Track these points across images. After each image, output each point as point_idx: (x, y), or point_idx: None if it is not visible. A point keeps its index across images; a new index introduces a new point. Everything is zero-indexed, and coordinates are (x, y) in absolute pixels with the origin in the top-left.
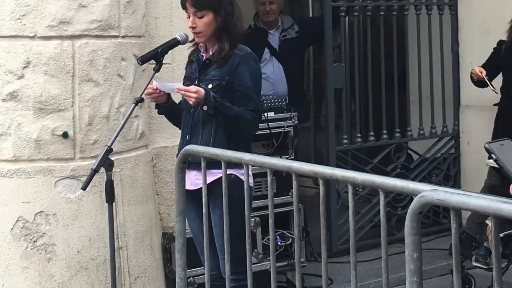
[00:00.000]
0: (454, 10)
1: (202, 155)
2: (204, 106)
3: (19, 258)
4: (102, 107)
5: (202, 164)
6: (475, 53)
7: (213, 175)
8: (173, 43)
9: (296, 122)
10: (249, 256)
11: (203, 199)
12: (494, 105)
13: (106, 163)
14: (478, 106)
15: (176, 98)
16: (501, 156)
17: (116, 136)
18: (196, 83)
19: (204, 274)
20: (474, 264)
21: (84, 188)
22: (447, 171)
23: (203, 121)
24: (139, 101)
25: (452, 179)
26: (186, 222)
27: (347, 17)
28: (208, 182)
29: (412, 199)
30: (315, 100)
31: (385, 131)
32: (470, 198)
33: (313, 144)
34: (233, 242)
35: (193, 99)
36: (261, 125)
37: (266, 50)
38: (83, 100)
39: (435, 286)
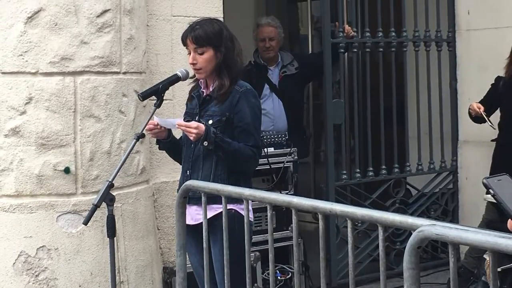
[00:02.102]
0: (452, 47)
1: (202, 190)
2: (205, 142)
3: None
4: (104, 143)
5: (203, 199)
6: (473, 89)
7: (214, 210)
8: (174, 79)
9: (296, 157)
10: None
11: (204, 234)
12: (492, 140)
13: (107, 198)
14: (476, 141)
15: (177, 134)
16: (499, 191)
17: (118, 171)
18: (196, 119)
19: None
20: None
21: (85, 223)
22: (446, 206)
23: (203, 156)
24: (140, 136)
25: (451, 214)
26: (187, 256)
27: (346, 54)
28: (208, 217)
29: (410, 234)
30: (315, 135)
31: (384, 167)
32: (468, 233)
33: (313, 179)
34: (234, 276)
35: (193, 135)
36: (261, 161)
37: (266, 86)
38: (84, 135)
39: None
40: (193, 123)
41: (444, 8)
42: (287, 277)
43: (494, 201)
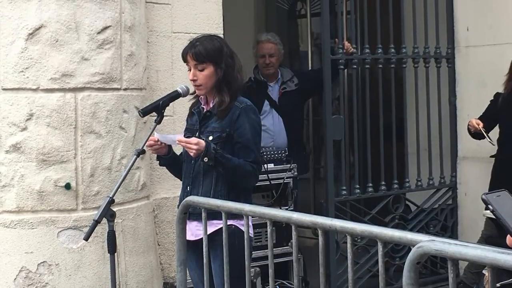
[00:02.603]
0: (451, 63)
1: (202, 206)
2: (205, 158)
3: None
4: (104, 159)
5: (203, 214)
6: (472, 105)
7: (214, 225)
8: (174, 96)
9: (296, 173)
10: None
11: (204, 249)
12: (491, 156)
13: (108, 213)
14: (475, 157)
15: (177, 150)
16: (498, 207)
17: (118, 187)
18: (197, 135)
19: None
20: None
21: (86, 238)
22: (445, 222)
23: (203, 172)
24: (141, 152)
25: (450, 230)
26: (187, 272)
27: (346, 70)
28: (208, 232)
29: (410, 250)
30: (315, 151)
31: (383, 182)
32: (467, 249)
33: (313, 195)
34: None
35: (194, 151)
36: (261, 177)
37: (266, 102)
38: (85, 151)
39: None
40: (194, 139)
41: (443, 24)
42: None
43: (493, 216)
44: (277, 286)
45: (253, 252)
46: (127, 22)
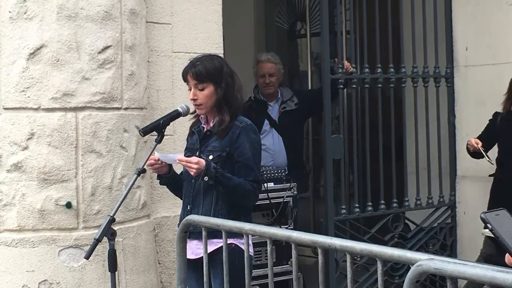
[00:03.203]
0: (450, 83)
1: (203, 225)
2: (205, 177)
3: None
4: (105, 178)
5: (203, 233)
6: (471, 124)
7: (214, 244)
8: (175, 115)
9: (296, 192)
10: None
11: (204, 268)
12: (490, 175)
13: (108, 232)
14: (474, 176)
15: (178, 169)
16: (496, 226)
17: (119, 206)
18: (197, 154)
19: None
20: None
21: (87, 257)
22: (444, 241)
23: (204, 191)
24: (141, 171)
25: (449, 248)
26: None
27: (345, 89)
28: (209, 251)
29: (409, 268)
30: (314, 170)
31: (382, 201)
32: (466, 267)
33: (312, 214)
34: None
35: (194, 170)
36: (261, 195)
37: (266, 121)
38: (86, 171)
39: None
40: (194, 158)
41: (442, 44)
42: None
43: (492, 235)
44: None
45: (253, 271)
46: (128, 42)
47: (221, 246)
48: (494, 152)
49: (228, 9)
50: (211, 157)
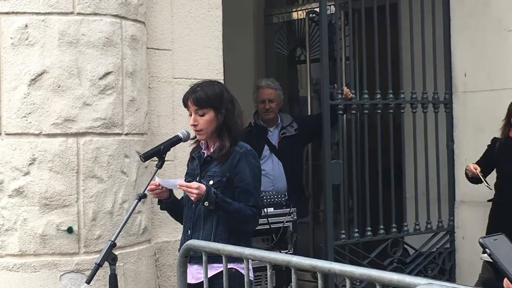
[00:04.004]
0: (449, 108)
1: (203, 250)
2: (205, 202)
3: None
4: (106, 203)
5: (204, 258)
6: (469, 150)
7: (214, 269)
8: (175, 140)
9: (295, 217)
10: None
11: None
12: (488, 200)
13: (109, 257)
14: (473, 201)
15: (178, 194)
16: (495, 250)
17: (120, 231)
18: (197, 180)
19: None
20: None
21: (88, 282)
22: (443, 265)
23: (204, 216)
24: (142, 197)
25: (448, 273)
26: None
27: (345, 115)
28: (209, 276)
29: None
30: (314, 195)
31: (382, 226)
32: None
33: (312, 238)
34: None
35: (194, 195)
36: (261, 220)
37: (266, 147)
38: (87, 196)
39: None
40: (194, 184)
41: (441, 70)
42: None
43: (491, 260)
44: None
45: None
46: (129, 68)
47: (222, 271)
48: (492, 177)
49: (229, 35)
50: (211, 182)
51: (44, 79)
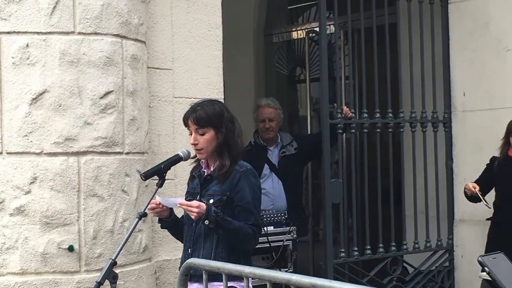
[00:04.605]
0: (448, 127)
1: (203, 268)
2: (206, 221)
3: None
4: (107, 222)
5: (204, 276)
6: (468, 169)
7: (215, 287)
8: (176, 159)
9: (295, 236)
10: None
11: None
12: (487, 219)
13: (110, 275)
14: (472, 220)
15: (179, 213)
16: (494, 269)
17: (120, 250)
18: (197, 198)
19: None
20: None
21: None
22: (442, 284)
23: (204, 234)
24: (143, 215)
25: None
26: None
27: (344, 134)
28: None
29: None
30: (314, 214)
31: (381, 245)
32: None
33: (312, 257)
34: None
35: (195, 214)
36: (261, 239)
37: (266, 166)
38: (88, 214)
39: None
40: (195, 202)
41: (440, 89)
42: None
43: (490, 278)
44: None
45: None
46: (129, 87)
47: None
48: (491, 196)
49: (229, 54)
50: (211, 201)
51: (45, 98)
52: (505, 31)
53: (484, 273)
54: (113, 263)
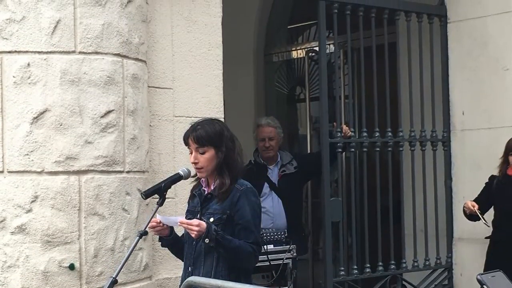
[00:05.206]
0: (447, 146)
1: (204, 286)
2: (206, 239)
3: None
4: (107, 240)
5: None
6: (467, 187)
7: None
8: (176, 178)
9: (295, 254)
10: None
11: None
12: (486, 238)
13: None
14: (471, 239)
15: (179, 231)
16: (493, 287)
17: (121, 268)
18: (198, 217)
19: None
20: None
21: None
22: None
23: (204, 253)
24: (143, 234)
25: None
26: None
27: (344, 153)
28: None
29: None
30: (313, 233)
31: (380, 263)
32: None
33: (311, 275)
34: None
35: (195, 232)
36: (261, 257)
37: (266, 184)
38: (89, 233)
39: None
40: (195, 221)
41: (439, 108)
42: None
43: None
44: None
45: None
46: (130, 106)
47: None
48: (490, 214)
49: (229, 73)
50: (212, 219)
51: (46, 117)
52: (504, 51)
53: None
54: (114, 281)
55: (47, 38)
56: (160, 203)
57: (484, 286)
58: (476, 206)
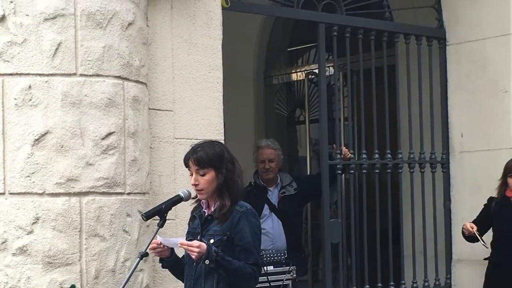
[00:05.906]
0: (446, 168)
1: None
2: (206, 260)
3: None
4: (108, 261)
5: None
6: (466, 209)
7: None
8: (176, 200)
9: (295, 275)
10: None
11: None
12: (485, 259)
13: None
14: (470, 260)
15: (179, 253)
16: None
17: None
18: (198, 238)
19: None
20: None
21: None
22: None
23: (205, 274)
24: (144, 255)
25: None
26: None
27: (343, 175)
28: None
29: None
30: (313, 254)
31: (380, 284)
32: None
33: None
34: None
35: (195, 254)
36: (261, 278)
37: (266, 206)
38: (90, 254)
39: None
40: (195, 242)
41: (438, 130)
42: None
43: None
44: None
45: None
46: (131, 128)
47: None
48: (488, 236)
49: (229, 96)
50: (212, 241)
51: (47, 139)
52: (502, 73)
53: None
54: None
55: (48, 61)
56: (161, 225)
57: None
58: (475, 228)
